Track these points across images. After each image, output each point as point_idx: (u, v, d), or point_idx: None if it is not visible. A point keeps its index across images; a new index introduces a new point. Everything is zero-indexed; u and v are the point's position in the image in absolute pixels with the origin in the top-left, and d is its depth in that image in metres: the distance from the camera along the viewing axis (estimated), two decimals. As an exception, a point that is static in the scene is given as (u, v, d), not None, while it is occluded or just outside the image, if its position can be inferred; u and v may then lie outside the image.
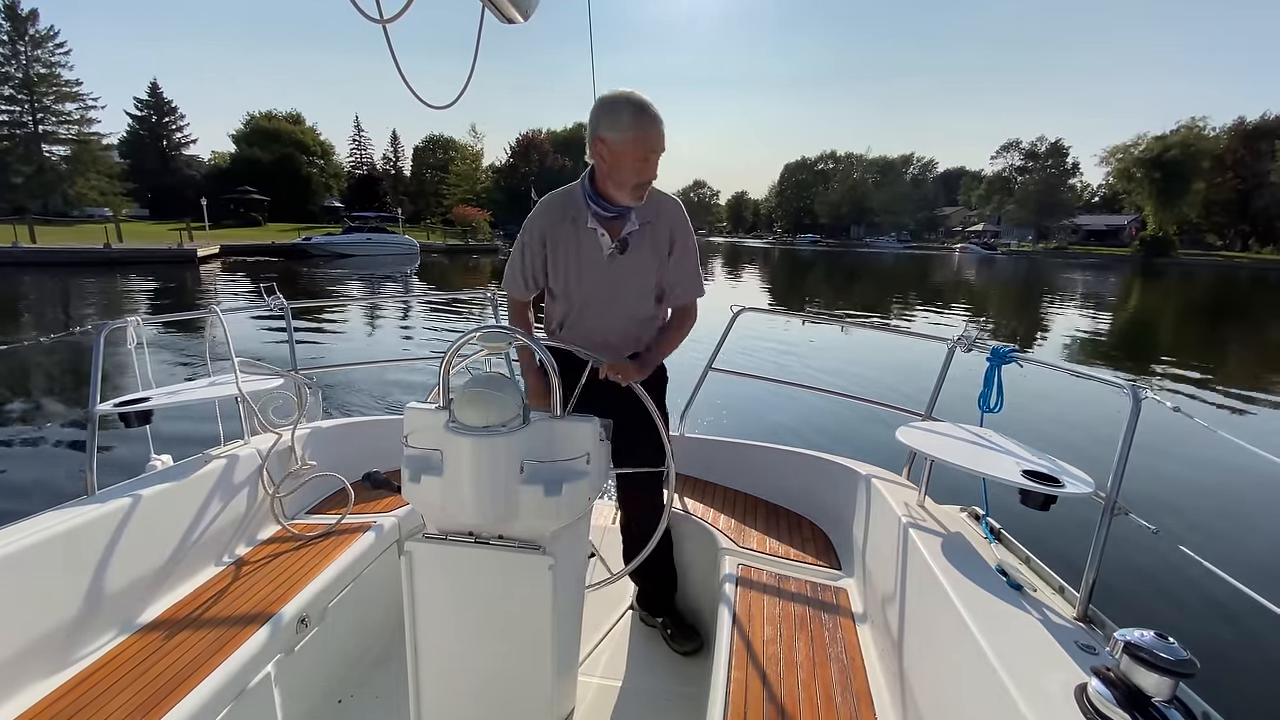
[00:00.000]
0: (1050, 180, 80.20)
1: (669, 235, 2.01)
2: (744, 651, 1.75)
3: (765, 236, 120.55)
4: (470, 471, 1.47)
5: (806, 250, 75.95)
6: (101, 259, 26.08)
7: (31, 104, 53.34)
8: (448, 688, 1.67)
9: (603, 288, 1.99)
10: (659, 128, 1.80)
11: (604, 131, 1.79)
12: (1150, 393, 1.57)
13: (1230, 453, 5.77)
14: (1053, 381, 8.49)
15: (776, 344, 11.17)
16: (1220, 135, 66.44)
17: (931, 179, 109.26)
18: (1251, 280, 41.78)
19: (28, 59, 53.31)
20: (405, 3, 1.23)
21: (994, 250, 72.14)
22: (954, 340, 2.30)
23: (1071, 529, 3.71)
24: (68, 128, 54.94)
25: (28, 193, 51.64)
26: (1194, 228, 70.28)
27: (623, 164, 1.81)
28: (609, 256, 1.95)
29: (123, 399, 2.18)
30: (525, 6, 1.60)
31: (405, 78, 1.39)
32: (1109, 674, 1.08)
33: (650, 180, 1.86)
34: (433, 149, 79.56)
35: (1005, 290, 30.67)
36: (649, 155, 1.81)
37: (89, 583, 1.77)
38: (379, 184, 79.26)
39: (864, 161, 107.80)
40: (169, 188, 61.73)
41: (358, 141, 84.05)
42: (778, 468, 2.77)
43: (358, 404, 6.99)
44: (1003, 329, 16.88)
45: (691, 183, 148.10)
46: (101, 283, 20.95)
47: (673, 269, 2.05)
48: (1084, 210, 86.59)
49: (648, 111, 1.78)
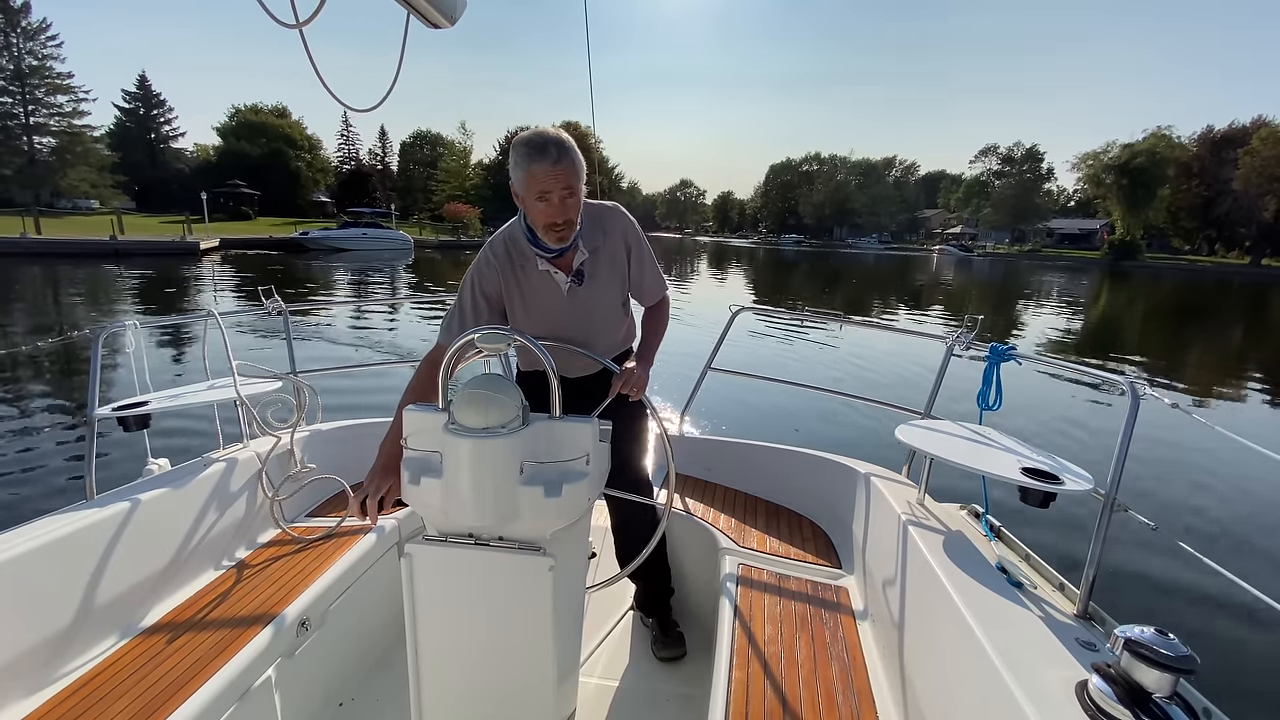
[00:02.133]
0: (1025, 185, 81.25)
1: (624, 248, 1.92)
2: (745, 651, 1.71)
3: (750, 236, 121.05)
4: (470, 473, 1.43)
5: (790, 250, 76.37)
6: (109, 250, 26.72)
7: (23, 95, 52.52)
8: (449, 690, 1.63)
9: (571, 321, 1.90)
10: (552, 164, 1.59)
11: (510, 173, 1.69)
12: (1149, 389, 1.55)
13: (1229, 448, 5.90)
14: (1051, 379, 8.62)
15: (775, 343, 11.15)
16: (1188, 143, 67.62)
17: (914, 181, 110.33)
18: (1212, 283, 42.79)
19: (20, 51, 52.52)
20: (317, 7, 1.18)
21: (971, 252, 72.96)
22: (952, 339, 2.27)
23: (1071, 526, 3.77)
24: (59, 120, 54.17)
25: (19, 184, 50.90)
26: (1161, 232, 71.52)
27: (527, 206, 1.69)
28: (568, 291, 1.86)
29: (121, 403, 2.14)
30: (450, 11, 1.54)
31: (324, 80, 1.35)
32: (1110, 670, 1.07)
33: (560, 222, 1.67)
34: (419, 145, 78.84)
35: (980, 290, 31.02)
36: (543, 195, 1.63)
37: (89, 587, 1.73)
38: (368, 179, 78.41)
39: (847, 164, 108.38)
40: (157, 180, 61.05)
41: (346, 136, 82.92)
42: (777, 467, 2.73)
43: (357, 406, 6.74)
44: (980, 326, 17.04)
45: (678, 182, 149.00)
46: (111, 273, 21.56)
47: (635, 278, 1.97)
48: (1060, 214, 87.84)
49: (540, 148, 1.60)
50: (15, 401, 7.12)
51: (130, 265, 23.90)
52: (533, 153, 1.61)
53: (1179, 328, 19.54)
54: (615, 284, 1.94)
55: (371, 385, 7.26)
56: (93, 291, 17.81)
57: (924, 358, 9.40)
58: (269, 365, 2.54)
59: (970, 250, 74.85)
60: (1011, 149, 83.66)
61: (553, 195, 1.63)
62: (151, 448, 2.31)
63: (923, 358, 9.41)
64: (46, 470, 5.21)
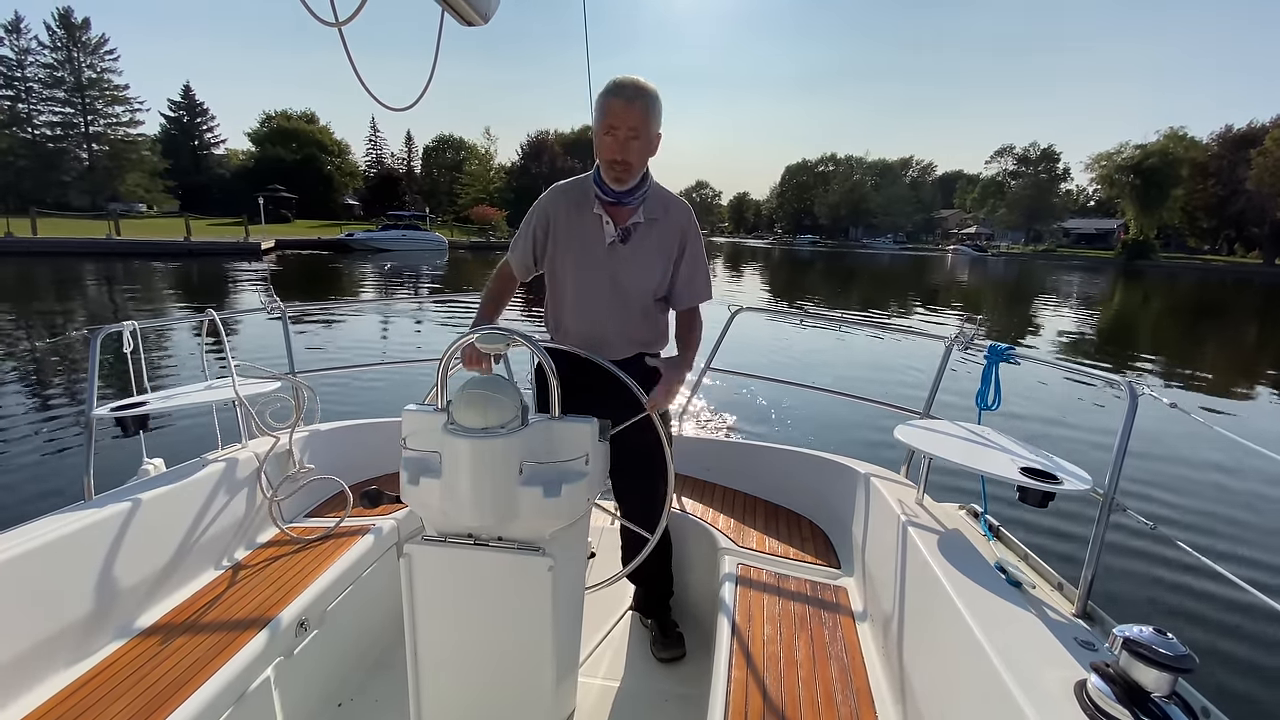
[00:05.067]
0: (1040, 185, 79.60)
1: (680, 238, 1.90)
2: (744, 651, 1.67)
3: (766, 237, 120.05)
4: (469, 473, 1.40)
5: (806, 250, 75.67)
6: (183, 250, 29.11)
7: (83, 106, 54.76)
8: (448, 690, 1.60)
9: (602, 278, 1.87)
10: (625, 102, 1.66)
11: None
12: (1147, 389, 1.51)
13: (1227, 448, 5.74)
14: (1050, 379, 8.43)
15: (775, 343, 10.95)
16: (1207, 143, 65.88)
17: (930, 182, 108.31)
18: (1223, 283, 41.77)
19: (80, 65, 54.66)
20: (359, 5, 1.16)
21: (985, 252, 71.64)
22: (951, 338, 2.21)
23: (1070, 526, 3.67)
24: (115, 129, 56.26)
25: (78, 189, 52.77)
26: (1177, 232, 69.70)
27: (596, 140, 1.74)
28: (610, 245, 1.84)
29: (120, 403, 2.08)
30: (484, 9, 1.51)
31: (363, 80, 1.32)
32: (1108, 670, 1.04)
33: (618, 160, 1.71)
34: (443, 149, 79.52)
35: (991, 289, 30.50)
36: (610, 129, 1.69)
37: (87, 588, 1.68)
38: (398, 183, 79.09)
39: (863, 164, 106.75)
40: (199, 185, 62.60)
41: (373, 141, 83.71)
42: (777, 467, 2.67)
43: (356, 406, 6.67)
44: (988, 324, 16.84)
45: (694, 183, 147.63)
46: (188, 270, 23.58)
47: (683, 272, 1.94)
48: (1079, 214, 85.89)
49: (619, 86, 1.67)
50: (14, 402, 7.00)
51: (203, 264, 25.62)
52: (613, 88, 1.68)
53: (1183, 326, 19.21)
54: (656, 262, 1.89)
55: (371, 385, 7.17)
56: (183, 284, 19.47)
57: (923, 357, 9.24)
58: (268, 365, 2.50)
59: (984, 250, 73.47)
60: (1027, 149, 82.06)
61: (619, 131, 1.68)
62: (150, 448, 2.24)
63: (922, 357, 9.24)
64: (44, 471, 5.11)
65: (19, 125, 53.06)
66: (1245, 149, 60.50)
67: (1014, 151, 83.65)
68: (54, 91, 54.25)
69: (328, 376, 6.19)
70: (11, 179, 49.72)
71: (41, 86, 53.94)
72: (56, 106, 54.47)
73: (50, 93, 54.21)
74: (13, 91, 53.12)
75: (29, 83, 53.53)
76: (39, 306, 14.38)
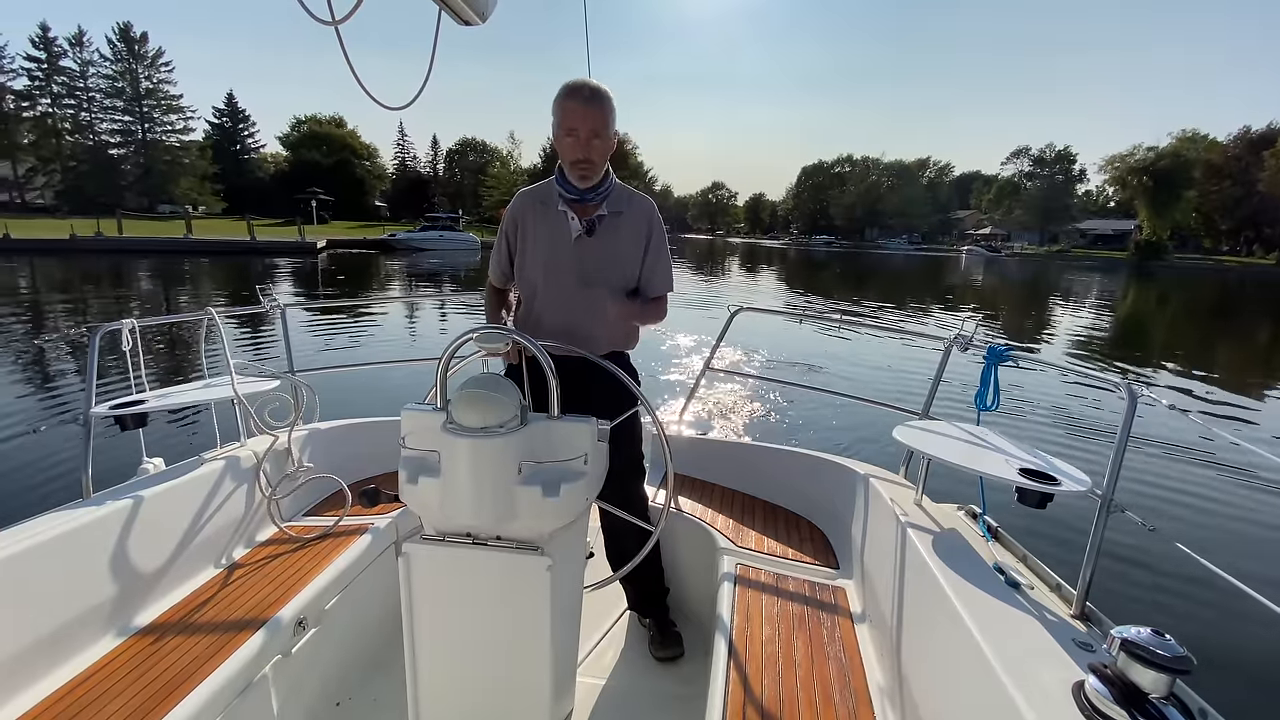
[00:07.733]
0: (1055, 186, 77.74)
1: (646, 231, 1.89)
2: (743, 651, 1.64)
3: (782, 238, 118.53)
4: (468, 473, 1.37)
5: (821, 251, 74.69)
6: (247, 248, 31.17)
7: (140, 115, 56.65)
8: (446, 690, 1.57)
9: (570, 272, 1.85)
10: (582, 103, 1.67)
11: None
12: (1146, 390, 1.45)
13: (1225, 449, 5.56)
14: (1049, 380, 8.26)
15: (774, 343, 10.73)
16: (1221, 144, 64.02)
17: (948, 183, 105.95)
18: (1234, 283, 40.67)
19: (139, 75, 56.51)
20: (355, 4, 1.14)
21: (998, 252, 70.13)
22: (951, 339, 2.13)
23: (1068, 527, 3.57)
24: (170, 136, 58.19)
25: (135, 191, 54.51)
26: (1191, 233, 67.67)
27: (558, 142, 1.75)
28: (576, 239, 1.83)
29: (118, 401, 2.02)
30: (482, 8, 1.49)
31: (359, 78, 1.30)
32: (1106, 671, 1.01)
33: (582, 159, 1.73)
34: (465, 152, 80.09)
35: (1000, 289, 29.88)
36: (571, 131, 1.69)
37: (85, 586, 1.64)
38: (427, 185, 79.66)
39: (879, 165, 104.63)
40: (240, 187, 63.96)
41: (401, 145, 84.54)
42: (775, 467, 2.61)
43: (354, 405, 6.52)
44: (990, 323, 16.54)
45: (710, 184, 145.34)
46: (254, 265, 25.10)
47: (648, 262, 1.92)
48: (1097, 215, 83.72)
49: (575, 88, 1.68)
50: (12, 400, 6.87)
51: (267, 261, 26.74)
52: (569, 91, 1.69)
53: (1183, 326, 18.77)
54: (624, 255, 1.88)
55: (370, 385, 6.99)
56: (257, 278, 19.97)
57: (922, 358, 9.06)
58: (267, 364, 2.46)
59: (998, 251, 71.88)
60: (1043, 151, 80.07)
61: (579, 132, 1.69)
62: (149, 447, 2.17)
63: (921, 358, 9.07)
64: (42, 469, 4.99)
65: (81, 133, 55.11)
66: (1261, 150, 58.61)
67: (1030, 153, 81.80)
68: (114, 101, 56.19)
69: (327, 376, 6.36)
70: (73, 182, 51.84)
71: (103, 96, 55.89)
72: (116, 115, 56.47)
73: (110, 102, 56.15)
74: (75, 101, 55.00)
75: (91, 93, 55.42)
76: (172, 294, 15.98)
